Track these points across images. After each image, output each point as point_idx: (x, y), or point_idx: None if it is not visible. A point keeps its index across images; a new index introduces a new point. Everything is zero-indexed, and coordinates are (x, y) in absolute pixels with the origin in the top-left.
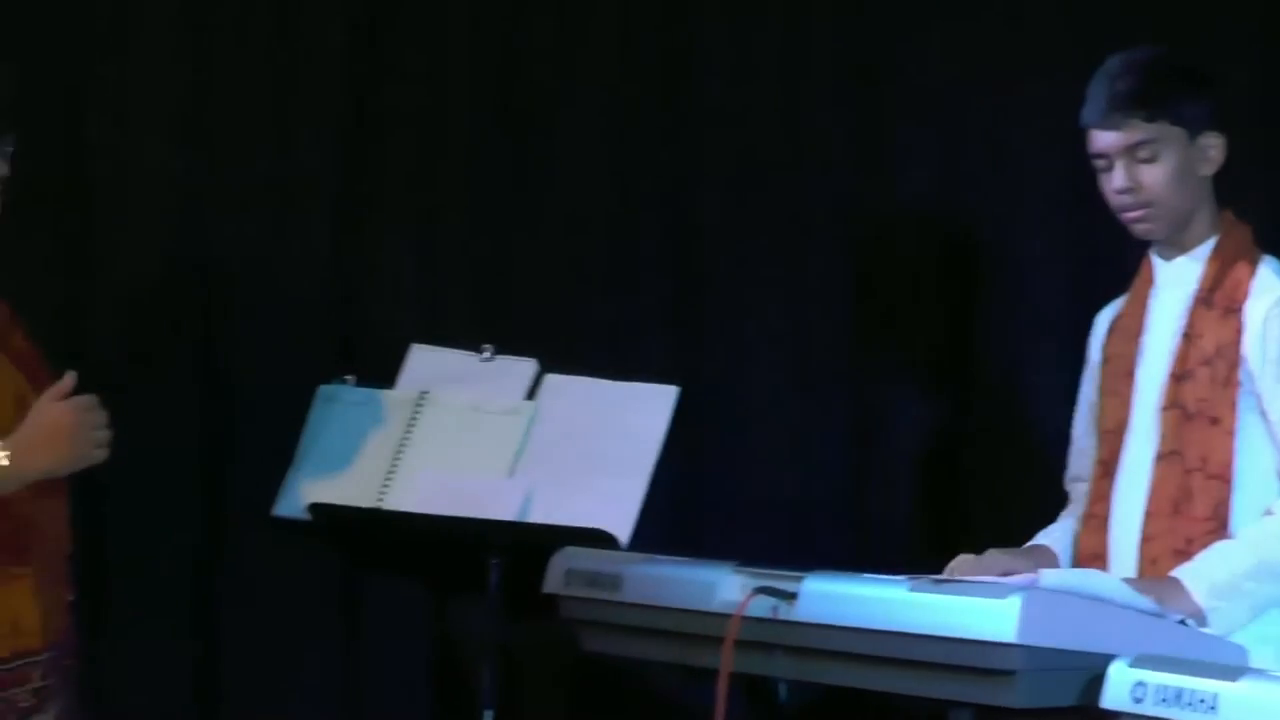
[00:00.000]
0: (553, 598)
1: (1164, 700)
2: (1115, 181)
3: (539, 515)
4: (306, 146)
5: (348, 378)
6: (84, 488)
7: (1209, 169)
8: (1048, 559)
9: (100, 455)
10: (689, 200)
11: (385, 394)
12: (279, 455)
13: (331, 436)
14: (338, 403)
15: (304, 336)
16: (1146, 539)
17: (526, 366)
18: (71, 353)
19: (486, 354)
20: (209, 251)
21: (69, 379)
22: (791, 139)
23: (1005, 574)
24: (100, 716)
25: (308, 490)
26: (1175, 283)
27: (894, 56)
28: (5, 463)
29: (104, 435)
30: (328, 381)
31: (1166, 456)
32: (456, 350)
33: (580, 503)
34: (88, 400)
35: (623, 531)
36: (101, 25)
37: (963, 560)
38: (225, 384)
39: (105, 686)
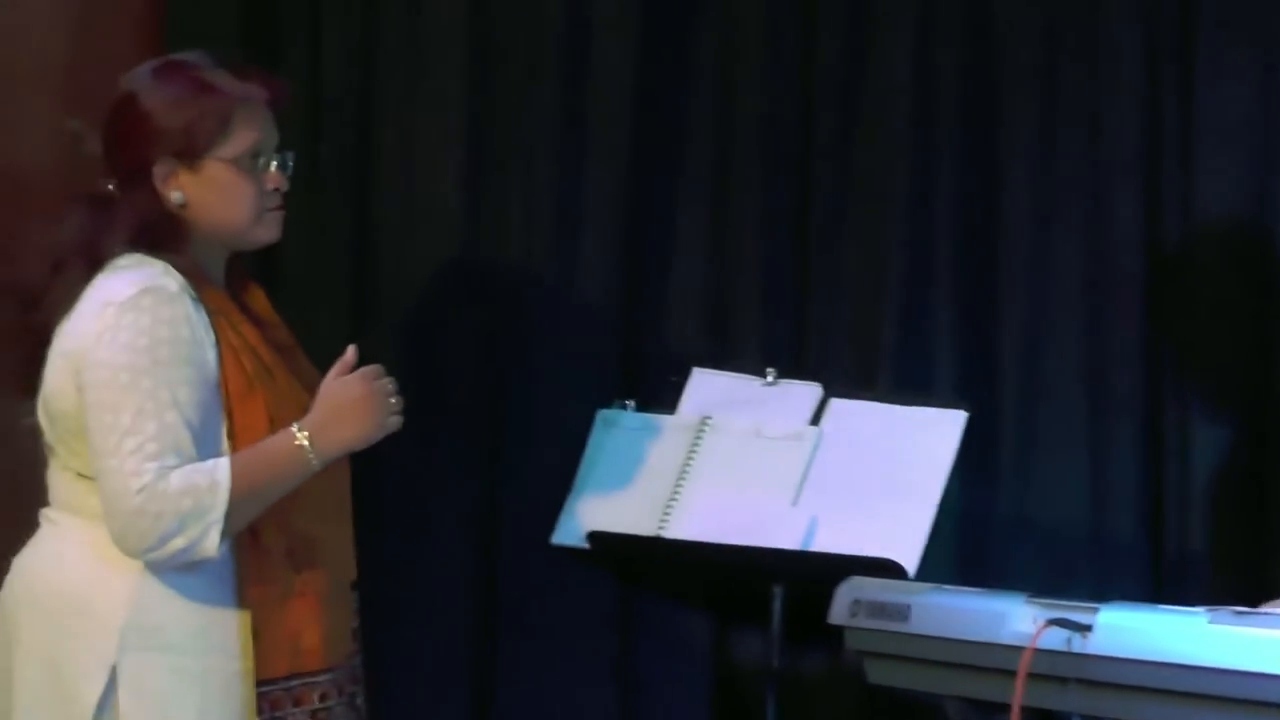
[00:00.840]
0: (838, 628)
1: None
2: None
3: (824, 544)
4: (593, 161)
5: (628, 402)
6: (362, 514)
7: None
8: None
9: (396, 423)
10: (982, 224)
11: (666, 419)
12: (557, 481)
13: (611, 462)
14: (617, 428)
15: (584, 359)
16: None
17: (811, 391)
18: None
19: (770, 378)
20: (490, 270)
21: (351, 352)
22: (1088, 162)
23: None
24: None
25: (587, 518)
26: None
27: (1193, 75)
28: (305, 443)
29: (397, 402)
30: (607, 406)
31: None
32: (739, 374)
33: (866, 531)
34: (375, 369)
35: (910, 561)
36: (389, 35)
37: None
38: (504, 407)
39: (381, 715)
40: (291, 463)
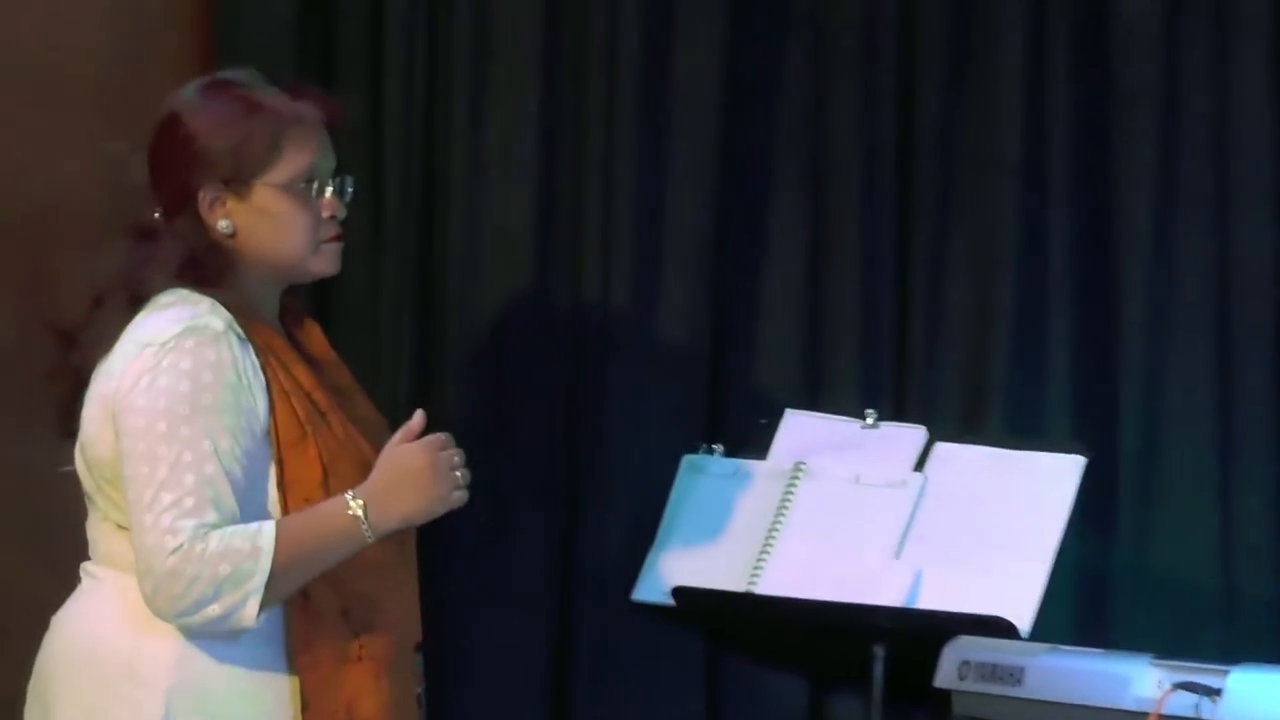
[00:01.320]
0: (944, 692)
1: None
2: None
3: (929, 600)
4: (676, 187)
5: (715, 446)
6: (426, 570)
7: None
8: None
9: (460, 498)
10: (1099, 253)
11: (757, 465)
12: (639, 533)
13: (697, 512)
14: (704, 474)
15: (667, 400)
16: None
17: (915, 434)
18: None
19: (870, 420)
20: (565, 305)
21: (418, 418)
22: (1214, 186)
23: None
24: None
25: (671, 572)
26: None
27: None
28: (359, 512)
29: (463, 475)
30: (693, 451)
31: None
32: (836, 416)
33: (975, 586)
34: (441, 439)
35: (1023, 619)
36: (456, 51)
37: None
38: (580, 452)
39: None
40: (343, 534)
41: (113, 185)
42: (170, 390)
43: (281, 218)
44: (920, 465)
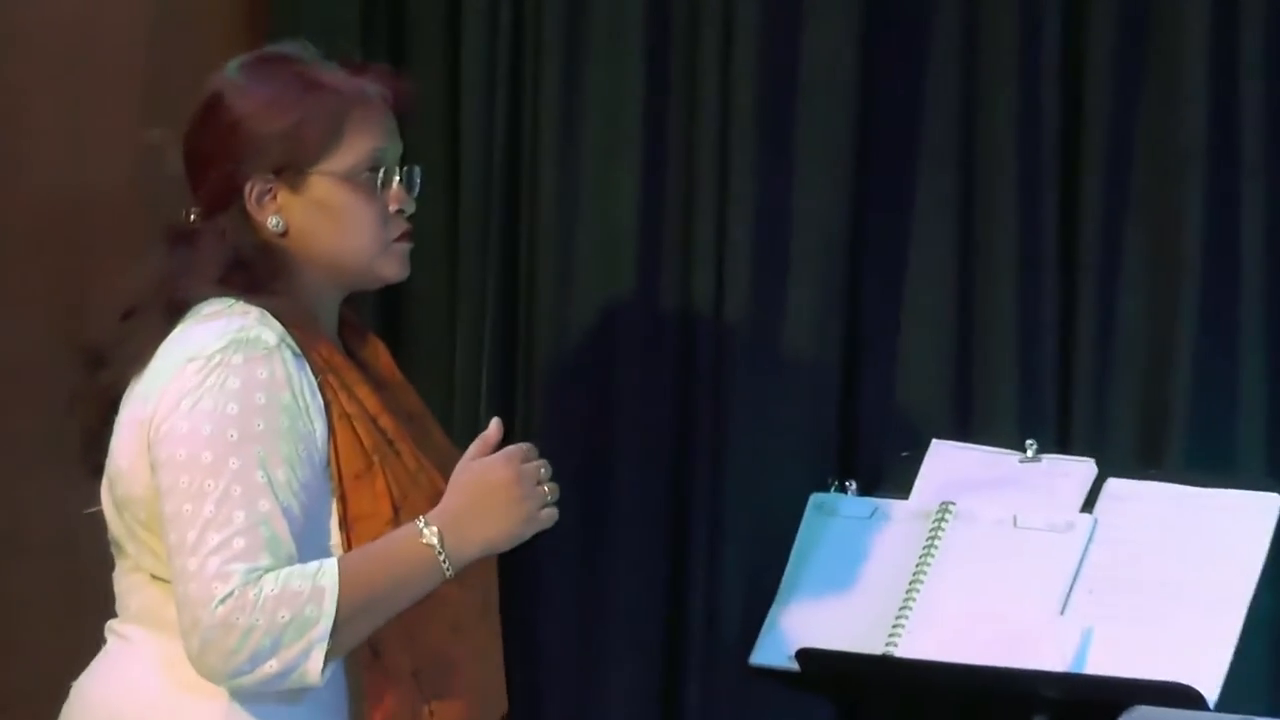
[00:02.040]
0: None
1: None
2: None
3: (1099, 664)
4: (804, 184)
5: (848, 483)
6: (512, 626)
7: None
8: None
9: (549, 517)
10: None
11: (897, 505)
12: (758, 584)
13: (826, 560)
14: (835, 516)
15: (793, 429)
16: None
17: (1083, 468)
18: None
19: (1030, 452)
20: (674, 320)
21: (495, 427)
22: None
23: None
24: None
25: (795, 630)
26: None
27: None
28: (434, 541)
29: (550, 490)
30: (822, 488)
31: None
32: (990, 448)
33: (1154, 648)
34: (524, 449)
35: (1210, 687)
36: (548, 25)
37: None
38: (690, 489)
39: None
40: (418, 567)
41: (153, 179)
42: (216, 414)
43: (343, 212)
44: (1089, 505)
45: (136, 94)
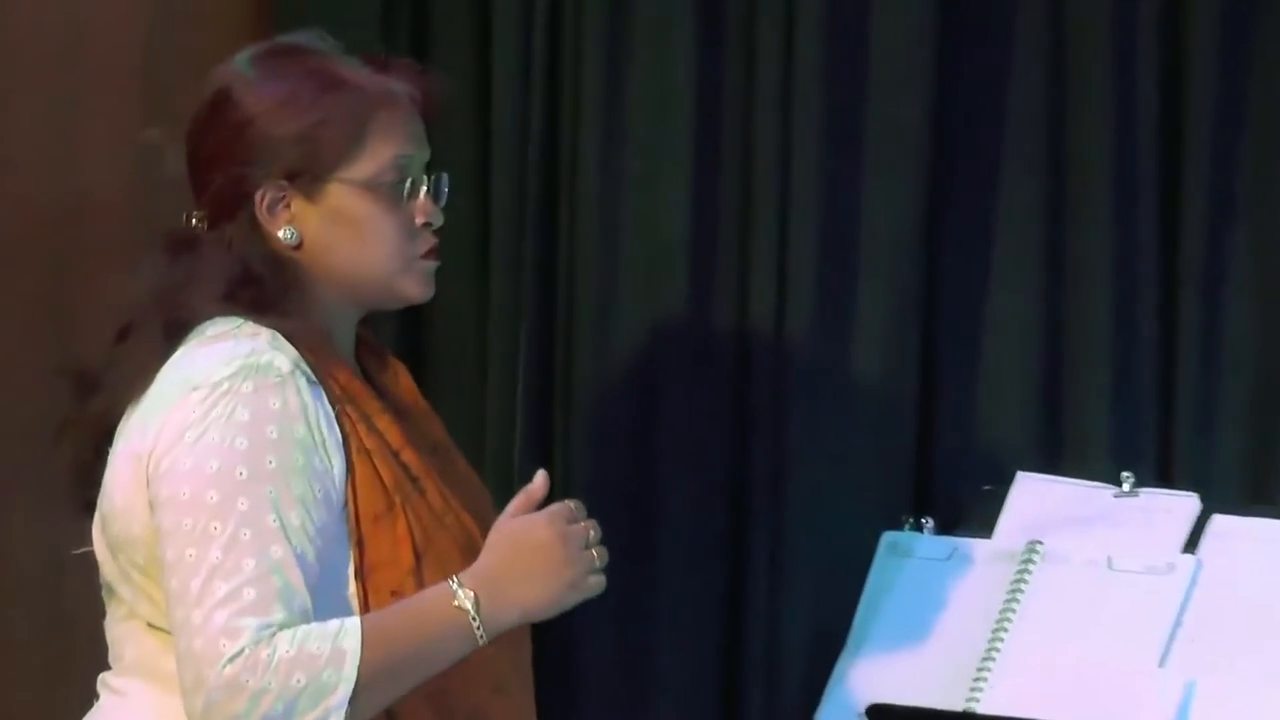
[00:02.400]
0: None
1: None
2: None
3: None
4: (876, 188)
5: (924, 520)
6: (547, 681)
7: None
8: None
9: (595, 584)
10: None
11: (978, 545)
12: (825, 632)
13: (900, 606)
14: (910, 557)
15: (862, 461)
16: None
17: (1185, 504)
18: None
19: (1126, 486)
20: (730, 342)
21: (540, 481)
22: None
23: None
24: None
25: (865, 684)
26: None
27: None
28: (468, 605)
29: (599, 554)
30: (895, 526)
31: None
32: (1081, 481)
33: (1264, 705)
34: (569, 508)
35: None
36: (590, 15)
37: None
38: (749, 528)
39: None
40: (448, 632)
41: (150, 182)
42: (224, 448)
43: (363, 224)
44: (1192, 544)
45: (133, 91)
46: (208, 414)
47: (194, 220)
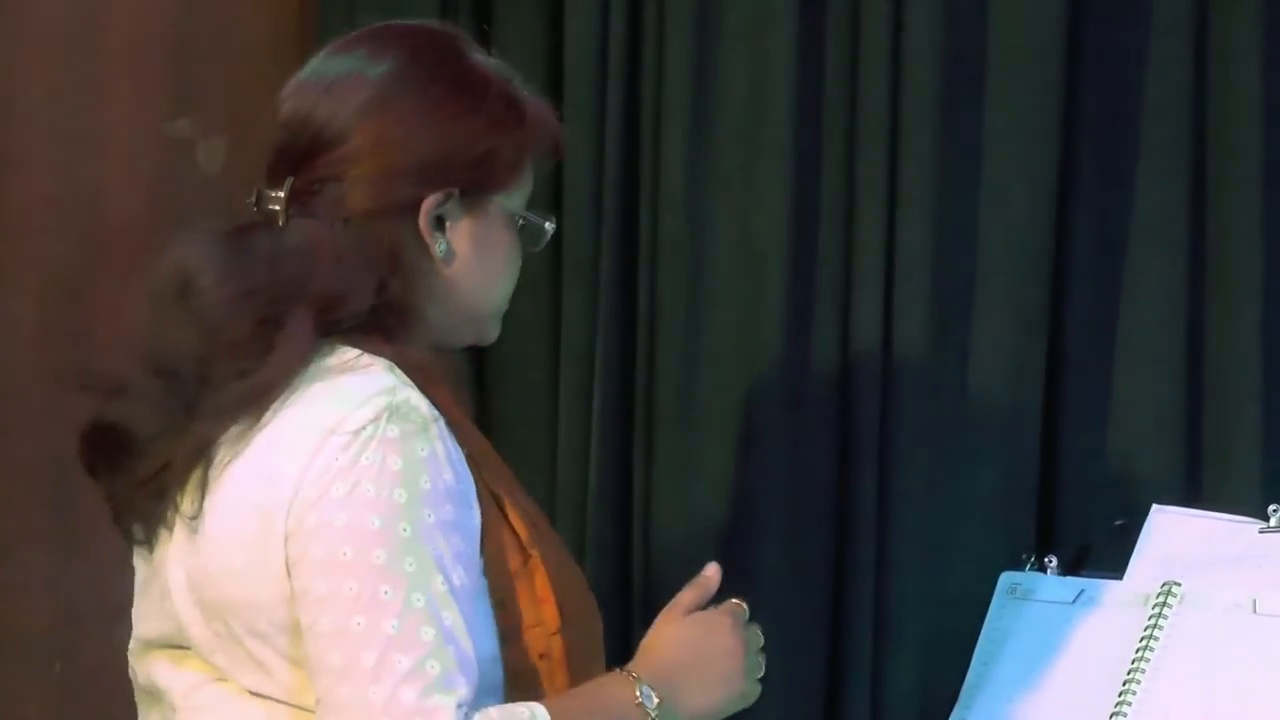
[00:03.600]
0: None
1: None
2: None
3: None
4: (998, 189)
5: (1049, 559)
6: None
7: None
8: None
9: (755, 693)
10: None
11: (1108, 586)
12: (936, 680)
13: (1021, 654)
14: (1031, 600)
15: (980, 492)
16: None
17: None
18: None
19: (1274, 520)
20: (836, 352)
21: (713, 572)
22: None
23: None
24: None
25: None
26: None
27: None
28: (651, 707)
29: (762, 662)
30: (1016, 566)
31: None
32: (1223, 515)
33: None
34: (744, 609)
35: None
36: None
37: None
38: (856, 560)
39: None
40: None
41: (177, 180)
42: (381, 502)
43: (504, 252)
44: None
45: (156, 77)
46: (355, 463)
47: (271, 197)
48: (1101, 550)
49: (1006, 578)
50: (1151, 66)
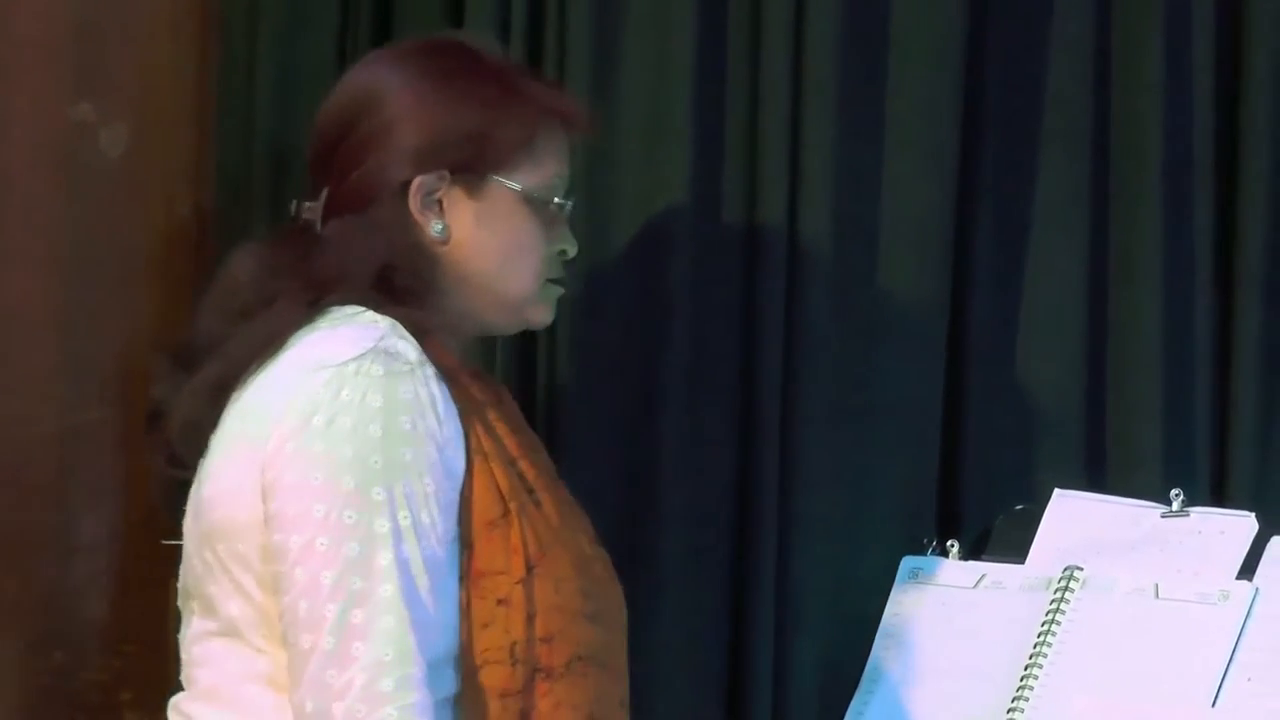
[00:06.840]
0: None
1: None
2: None
3: None
4: (901, 177)
5: (950, 544)
6: None
7: None
8: None
9: None
10: None
11: (1009, 570)
12: (837, 665)
13: (921, 639)
14: (932, 584)
15: (880, 472)
16: None
17: (1240, 524)
18: None
19: (1175, 504)
20: (741, 334)
21: None
22: None
23: None
24: None
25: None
26: None
27: None
28: None
29: None
30: (917, 549)
31: None
32: (1125, 499)
33: None
34: None
35: None
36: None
37: None
38: (755, 543)
39: None
40: None
41: (80, 165)
42: (358, 436)
43: (515, 233)
44: (1248, 570)
45: (62, 62)
46: (336, 396)
47: (308, 206)
48: (1004, 535)
49: (908, 562)
50: (1053, 52)
